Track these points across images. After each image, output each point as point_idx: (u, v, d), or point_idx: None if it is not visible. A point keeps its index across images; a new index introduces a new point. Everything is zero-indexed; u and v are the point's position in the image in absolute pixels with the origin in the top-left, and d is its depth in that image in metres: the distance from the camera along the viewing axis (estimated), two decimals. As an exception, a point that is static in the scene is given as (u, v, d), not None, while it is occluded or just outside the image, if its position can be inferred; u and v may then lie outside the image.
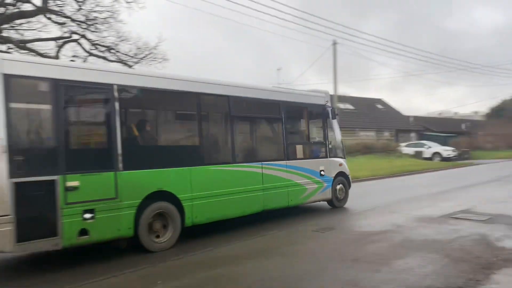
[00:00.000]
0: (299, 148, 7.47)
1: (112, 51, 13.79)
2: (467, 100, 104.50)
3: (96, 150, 4.45)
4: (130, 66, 13.84)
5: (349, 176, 8.79)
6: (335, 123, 8.52)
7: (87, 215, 4.35)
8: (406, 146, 32.63)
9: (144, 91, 4.84)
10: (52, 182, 3.89)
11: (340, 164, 8.55)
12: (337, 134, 8.56)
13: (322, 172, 7.98)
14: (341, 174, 8.54)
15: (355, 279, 4.78)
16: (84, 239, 4.42)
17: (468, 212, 9.02)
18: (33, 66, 3.66)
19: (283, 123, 7.04)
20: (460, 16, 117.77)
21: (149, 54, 14.03)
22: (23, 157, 3.63)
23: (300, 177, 7.47)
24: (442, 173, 20.30)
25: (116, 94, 4.58)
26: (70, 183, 3.99)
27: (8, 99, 3.03)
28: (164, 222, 5.24)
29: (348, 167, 8.05)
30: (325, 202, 8.47)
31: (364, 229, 7.31)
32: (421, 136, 39.30)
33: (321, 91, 8.38)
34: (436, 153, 31.10)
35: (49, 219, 4.18)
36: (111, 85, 4.59)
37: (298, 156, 7.40)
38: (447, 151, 31.23)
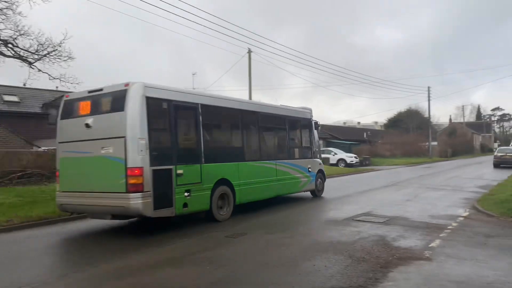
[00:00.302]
0: (296, 150, 10.85)
1: (9, 45, 13.08)
2: (368, 111, 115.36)
3: (191, 149, 6.73)
4: (30, 63, 13.43)
5: (325, 172, 12.65)
6: (316, 133, 12.00)
7: (187, 194, 6.60)
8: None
9: (214, 108, 7.26)
10: (170, 170, 5.95)
11: (320, 164, 12.28)
12: (317, 140, 11.93)
13: (309, 169, 11.48)
14: (320, 171, 12.22)
15: (264, 283, 4.95)
16: (185, 210, 6.64)
17: (369, 214, 9.86)
18: (158, 91, 5.70)
19: (287, 132, 10.25)
20: (364, 32, 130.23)
21: (53, 51, 13.37)
22: (156, 153, 5.62)
23: (298, 172, 10.69)
24: (346, 178, 21.93)
25: (200, 110, 6.95)
26: (179, 171, 6.12)
27: (149, 115, 4.97)
28: (224, 201, 7.76)
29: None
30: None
31: (274, 234, 7.59)
32: (328, 144, 41.96)
33: (307, 108, 11.79)
34: (341, 160, 33.27)
35: (168, 195, 6.36)
36: (197, 104, 6.98)
37: (295, 157, 10.61)
38: (350, 157, 33.60)
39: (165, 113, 6.59)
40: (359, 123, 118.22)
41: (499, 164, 29.47)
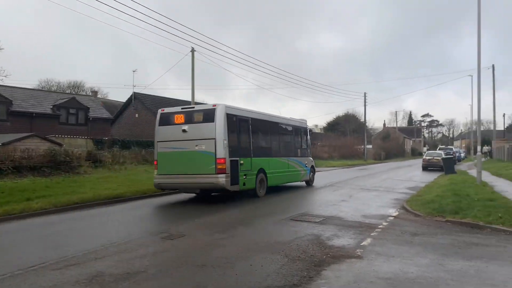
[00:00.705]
0: (299, 150, 16.51)
1: None
2: (310, 114, 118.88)
3: (246, 148, 11.08)
4: None
5: (315, 167, 18.74)
6: (309, 137, 18.51)
7: (244, 176, 10.78)
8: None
9: (257, 120, 12.30)
10: (237, 160, 10.27)
11: (312, 161, 18.31)
12: (310, 143, 18.40)
13: (306, 164, 17.26)
14: (312, 166, 18.19)
15: (201, 284, 5.10)
16: (244, 187, 10.85)
17: (306, 214, 10.32)
18: (231, 109, 9.95)
19: (294, 136, 15.77)
20: (308, 38, 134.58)
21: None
22: (231, 149, 9.74)
23: (299, 166, 16.16)
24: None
25: (250, 122, 11.57)
26: (241, 161, 10.32)
27: (229, 123, 9.29)
28: (261, 184, 12.40)
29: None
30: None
31: (212, 236, 7.78)
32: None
33: (304, 119, 18.21)
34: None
35: (236, 177, 10.75)
36: (249, 118, 11.77)
37: (298, 155, 16.20)
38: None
39: (234, 124, 11.87)
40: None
41: (427, 167, 31.98)
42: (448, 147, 52.04)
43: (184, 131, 12.44)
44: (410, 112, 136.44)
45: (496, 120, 55.35)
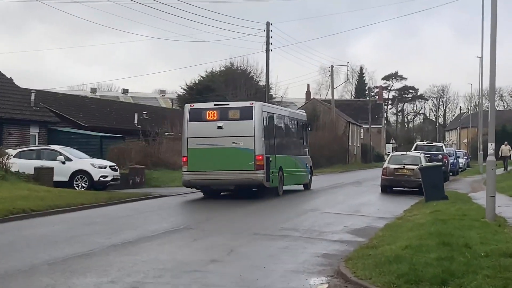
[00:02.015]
0: (302, 148, 38.29)
1: None
2: (149, 66, 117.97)
3: (271, 145, 31.23)
4: None
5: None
6: (308, 132, 40.62)
7: (272, 174, 30.52)
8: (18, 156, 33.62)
9: (279, 116, 34.44)
10: (268, 158, 30.03)
11: (310, 160, 39.07)
12: (308, 139, 40.95)
13: (307, 164, 37.70)
14: (310, 167, 38.56)
15: None
16: (271, 184, 30.47)
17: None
18: (266, 107, 32.00)
19: (298, 132, 38.07)
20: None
21: None
22: (266, 146, 29.92)
23: (303, 167, 37.22)
24: (85, 215, 22.22)
25: (274, 118, 33.14)
26: (271, 158, 30.32)
27: (264, 121, 29.60)
28: (281, 182, 32.44)
29: None
30: None
31: None
32: (50, 133, 41.63)
33: (302, 110, 56.11)
34: (80, 173, 33.54)
35: (269, 173, 30.96)
36: (273, 114, 33.52)
37: (302, 153, 37.65)
38: (101, 169, 34.37)
39: (266, 121, 29.97)
40: (125, 92, 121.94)
41: (391, 185, 34.48)
42: (435, 144, 56.52)
43: (219, 127, 27.61)
44: (361, 69, 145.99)
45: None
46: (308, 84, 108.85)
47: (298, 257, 14.15)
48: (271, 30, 61.63)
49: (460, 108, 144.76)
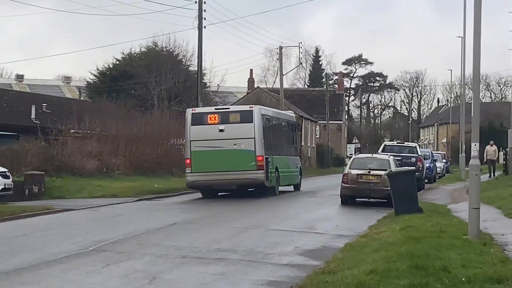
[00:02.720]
0: (293, 148, 51.10)
1: None
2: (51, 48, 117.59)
3: (269, 146, 41.35)
4: None
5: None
6: (297, 133, 56.53)
7: (270, 174, 40.61)
8: None
9: (273, 118, 45.71)
10: (267, 158, 39.99)
11: (300, 161, 54.20)
12: (298, 140, 60.16)
13: (297, 165, 50.18)
14: (300, 167, 51.39)
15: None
16: (269, 184, 40.68)
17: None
18: (263, 110, 43.10)
19: (290, 133, 50.14)
20: None
21: None
22: (265, 148, 39.89)
23: (295, 167, 49.26)
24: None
25: (271, 120, 44.50)
26: (269, 159, 40.07)
27: (263, 123, 39.77)
28: (277, 182, 43.24)
29: None
30: None
31: None
32: None
33: (291, 111, 65.40)
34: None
35: (268, 173, 40.76)
36: (270, 117, 45.17)
37: (293, 154, 50.15)
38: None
39: (266, 123, 40.59)
40: (20, 78, 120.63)
41: (353, 195, 34.76)
42: (407, 144, 57.38)
43: (221, 130, 36.37)
44: (317, 52, 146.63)
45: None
46: (251, 70, 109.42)
47: (238, 286, 14.22)
48: (205, 2, 61.33)
49: (438, 99, 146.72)
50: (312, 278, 14.22)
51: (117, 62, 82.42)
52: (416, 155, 49.10)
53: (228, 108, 42.12)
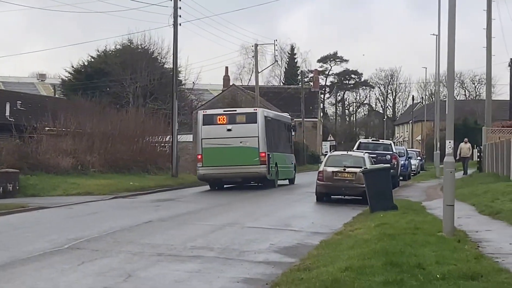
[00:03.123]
0: (289, 147, 58.29)
1: None
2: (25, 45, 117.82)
3: (269, 144, 48.30)
4: None
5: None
6: (291, 133, 62.25)
7: (272, 169, 48.00)
8: None
9: (273, 119, 53.01)
10: (269, 154, 46.84)
11: (294, 158, 59.45)
12: (292, 139, 63.65)
13: (292, 162, 57.20)
14: (294, 164, 58.41)
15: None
16: (270, 177, 48.02)
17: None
18: (266, 112, 51.67)
19: (286, 132, 57.48)
20: None
21: None
22: (267, 145, 47.11)
23: (291, 163, 56.70)
24: None
25: (271, 121, 51.39)
26: (270, 156, 46.81)
27: (265, 124, 46.47)
28: (277, 176, 50.39)
29: None
30: None
31: None
32: None
33: (286, 113, 70.71)
34: None
35: (269, 168, 47.83)
36: (270, 118, 52.26)
37: (289, 152, 57.22)
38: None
39: (267, 124, 46.95)
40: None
41: (328, 192, 34.84)
42: (382, 141, 58.06)
43: (229, 130, 42.93)
44: (293, 49, 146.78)
45: (495, 76, 62.78)
46: (227, 67, 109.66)
47: (213, 284, 14.18)
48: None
49: (413, 97, 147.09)
50: (288, 275, 14.25)
51: (92, 60, 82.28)
52: (391, 152, 49.51)
53: (235, 110, 48.42)
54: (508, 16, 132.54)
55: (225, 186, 46.76)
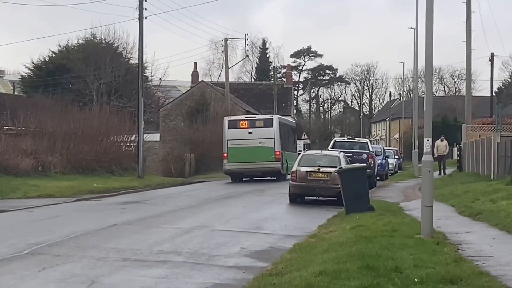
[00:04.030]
0: (294, 146, 75.17)
1: None
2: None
3: (282, 144, 62.07)
4: None
5: None
6: (296, 135, 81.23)
7: (284, 164, 61.16)
8: None
9: (284, 124, 67.41)
10: (283, 152, 61.06)
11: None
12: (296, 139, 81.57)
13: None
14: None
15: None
16: (283, 172, 59.96)
17: None
18: (280, 118, 65.76)
19: (292, 134, 73.58)
20: None
21: None
22: (280, 145, 60.81)
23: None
24: None
25: (283, 125, 65.16)
26: (283, 154, 60.08)
27: (279, 128, 60.08)
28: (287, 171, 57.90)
29: None
30: None
31: None
32: None
33: (289, 118, 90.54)
34: None
35: (283, 164, 61.63)
36: (282, 123, 66.48)
37: (294, 151, 72.21)
38: None
39: (280, 127, 61.02)
40: None
41: (302, 193, 34.88)
42: (358, 140, 58.59)
43: (250, 133, 56.12)
44: (264, 44, 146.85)
45: (476, 71, 63.26)
46: (195, 63, 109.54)
47: (179, 291, 14.18)
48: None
49: (390, 93, 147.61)
50: (259, 280, 14.31)
51: (54, 55, 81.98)
52: (367, 151, 49.60)
53: (255, 117, 64.69)
54: (489, 9, 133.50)
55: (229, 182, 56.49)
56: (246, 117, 64.48)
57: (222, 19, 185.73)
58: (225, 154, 56.15)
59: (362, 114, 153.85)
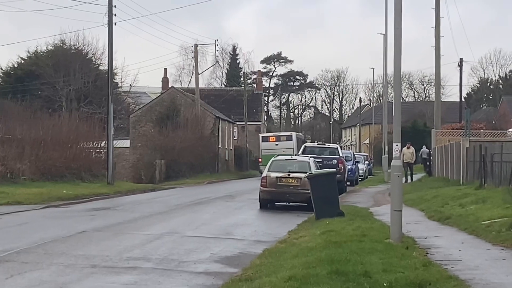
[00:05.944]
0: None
1: None
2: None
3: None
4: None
5: None
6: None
7: None
8: None
9: (297, 137, 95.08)
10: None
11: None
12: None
13: None
14: None
15: None
16: None
17: None
18: (297, 134, 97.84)
19: (300, 144, 79.28)
20: None
21: None
22: (296, 151, 70.55)
23: None
24: None
25: (297, 139, 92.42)
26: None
27: (296, 140, 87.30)
28: None
29: None
30: None
31: None
32: None
33: (300, 134, 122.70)
34: None
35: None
36: (296, 137, 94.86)
37: None
38: None
39: (297, 141, 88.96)
40: None
41: (272, 199, 34.98)
42: (328, 145, 58.48)
43: (276, 144, 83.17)
44: (234, 49, 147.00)
45: (445, 77, 63.55)
46: (166, 69, 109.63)
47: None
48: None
49: (360, 99, 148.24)
50: (229, 286, 14.39)
51: (22, 61, 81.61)
52: (338, 156, 49.82)
53: (280, 133, 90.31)
54: (458, 15, 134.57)
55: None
56: (273, 134, 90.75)
57: (194, 25, 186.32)
58: (260, 160, 79.29)
59: (332, 120, 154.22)
